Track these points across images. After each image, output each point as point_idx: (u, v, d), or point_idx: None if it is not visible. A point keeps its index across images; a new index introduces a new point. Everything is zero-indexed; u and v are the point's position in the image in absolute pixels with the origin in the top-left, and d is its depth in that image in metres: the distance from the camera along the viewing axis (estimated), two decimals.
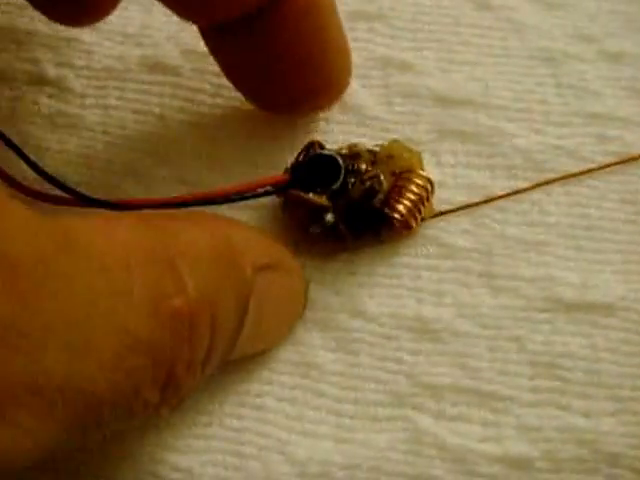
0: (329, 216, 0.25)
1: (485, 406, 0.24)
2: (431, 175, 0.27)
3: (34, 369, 0.17)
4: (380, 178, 0.26)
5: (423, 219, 0.26)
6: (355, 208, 0.25)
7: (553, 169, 0.27)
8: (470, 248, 0.26)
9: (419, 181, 0.26)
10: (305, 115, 0.28)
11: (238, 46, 0.25)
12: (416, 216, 0.26)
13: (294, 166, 0.26)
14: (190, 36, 0.26)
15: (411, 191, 0.26)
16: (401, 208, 0.26)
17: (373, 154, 0.26)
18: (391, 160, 0.26)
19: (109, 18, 0.28)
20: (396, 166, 0.26)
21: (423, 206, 0.26)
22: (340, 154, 0.26)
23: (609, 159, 0.27)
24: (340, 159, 0.25)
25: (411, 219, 0.26)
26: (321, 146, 0.26)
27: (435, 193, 0.27)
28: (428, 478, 0.24)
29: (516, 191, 0.27)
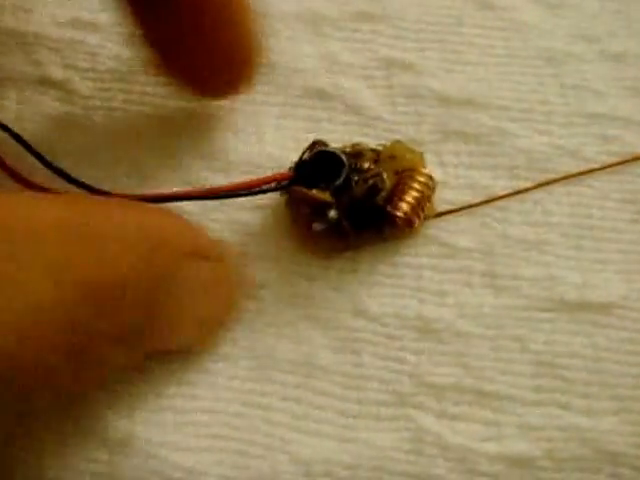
0: (332, 212, 0.25)
1: (487, 405, 0.25)
2: (434, 175, 0.27)
3: None
4: (383, 176, 0.26)
5: (426, 218, 0.26)
6: (358, 206, 0.26)
7: (555, 169, 0.27)
8: (472, 248, 0.26)
9: (421, 179, 0.26)
10: (224, 95, 0.28)
11: (155, 19, 0.25)
12: (419, 214, 0.26)
13: (298, 163, 0.26)
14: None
15: (414, 189, 0.26)
16: (404, 206, 0.26)
17: (376, 153, 0.26)
18: (394, 160, 0.26)
19: (114, 20, 0.29)
20: (399, 166, 0.26)
21: (425, 204, 0.26)
22: (343, 152, 0.26)
23: (611, 159, 0.27)
24: (343, 156, 0.25)
25: (414, 217, 0.26)
26: (325, 145, 0.26)
27: (437, 193, 0.27)
28: (430, 477, 0.24)
29: (518, 191, 0.27)
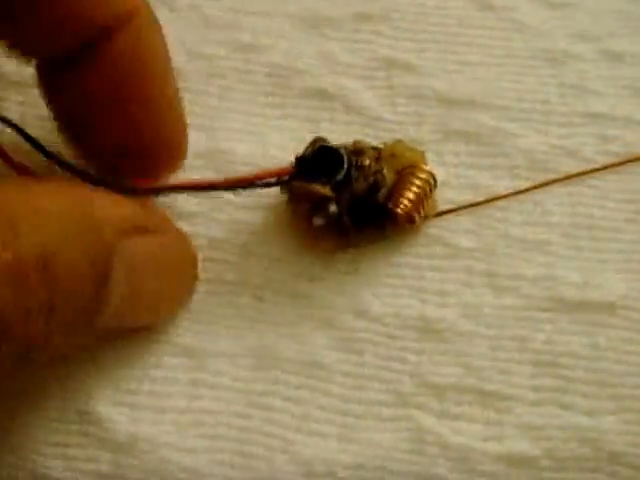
0: (333, 207, 0.25)
1: (488, 405, 0.25)
2: (435, 175, 0.27)
3: None
4: (383, 172, 0.26)
5: (427, 216, 0.26)
6: (359, 202, 0.26)
7: (555, 169, 0.27)
8: (473, 248, 0.26)
9: (422, 175, 0.26)
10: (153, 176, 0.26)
11: (67, 86, 0.24)
12: (419, 210, 0.26)
13: (299, 159, 0.26)
14: (196, 40, 0.27)
15: (415, 185, 0.26)
16: (405, 202, 0.26)
17: (377, 151, 0.26)
18: (394, 158, 0.26)
19: None
20: (400, 164, 0.26)
21: (427, 201, 0.26)
22: (344, 148, 0.26)
23: (610, 159, 0.28)
24: (344, 152, 0.25)
25: (414, 213, 0.26)
26: (325, 142, 0.26)
27: (438, 193, 0.27)
28: (431, 477, 0.24)
29: (518, 191, 0.27)
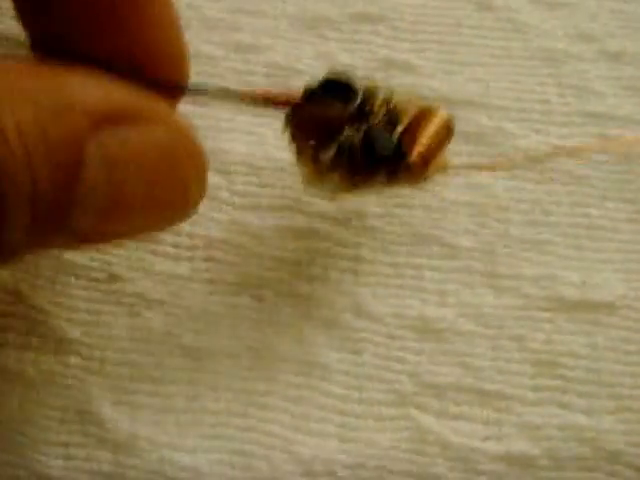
0: (348, 131, 0.23)
1: (487, 405, 0.25)
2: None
3: None
4: (399, 109, 0.24)
5: (440, 169, 0.24)
6: (371, 138, 0.23)
7: (554, 169, 0.27)
8: (472, 248, 0.27)
9: (440, 121, 0.24)
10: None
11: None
12: (431, 161, 0.24)
13: (308, 88, 0.23)
14: (194, 41, 0.27)
15: (430, 131, 0.24)
16: (417, 149, 0.24)
17: (392, 93, 0.24)
18: (409, 104, 0.24)
19: None
20: (420, 107, 0.24)
21: (440, 150, 0.24)
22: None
23: (610, 158, 0.28)
24: (356, 82, 0.23)
25: (425, 165, 0.24)
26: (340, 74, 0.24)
27: (437, 192, 0.27)
28: (431, 476, 0.24)
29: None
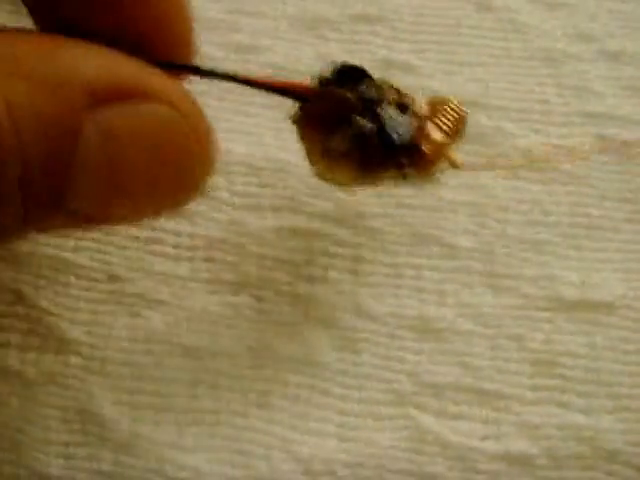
0: (361, 118, 0.23)
1: (486, 404, 0.25)
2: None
3: None
4: (413, 97, 0.24)
5: (452, 166, 0.24)
6: (384, 128, 0.23)
7: (554, 169, 0.28)
8: (472, 248, 0.27)
9: (454, 114, 0.24)
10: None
11: None
12: (443, 153, 0.24)
13: (321, 78, 0.23)
14: (197, 40, 0.27)
15: (444, 123, 0.24)
16: (430, 141, 0.23)
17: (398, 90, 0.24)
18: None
19: None
20: (433, 98, 0.24)
21: (452, 142, 0.24)
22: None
23: (609, 158, 0.28)
24: (368, 72, 0.23)
25: (437, 157, 0.24)
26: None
27: (437, 192, 0.27)
28: (430, 475, 0.24)
29: None
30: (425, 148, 0.23)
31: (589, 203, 0.27)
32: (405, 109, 0.23)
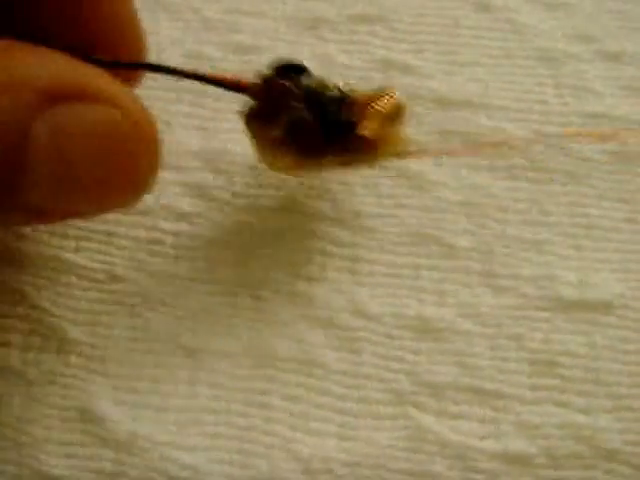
0: (297, 106, 0.24)
1: (485, 404, 0.25)
2: (432, 175, 0.27)
3: None
4: (352, 90, 0.25)
5: (398, 155, 0.26)
6: (324, 115, 0.24)
7: (553, 169, 0.28)
8: (470, 248, 0.27)
9: (390, 101, 0.25)
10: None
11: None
12: (382, 136, 0.25)
13: (263, 74, 0.25)
14: (193, 41, 0.27)
15: (381, 108, 0.25)
16: (368, 125, 0.25)
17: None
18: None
19: None
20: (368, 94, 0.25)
21: (391, 127, 0.25)
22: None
23: (609, 158, 0.28)
24: (309, 68, 0.25)
25: (376, 139, 0.25)
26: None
27: (436, 191, 0.27)
28: (429, 474, 0.24)
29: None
30: (365, 132, 0.24)
31: (588, 203, 0.27)
32: (345, 97, 0.24)
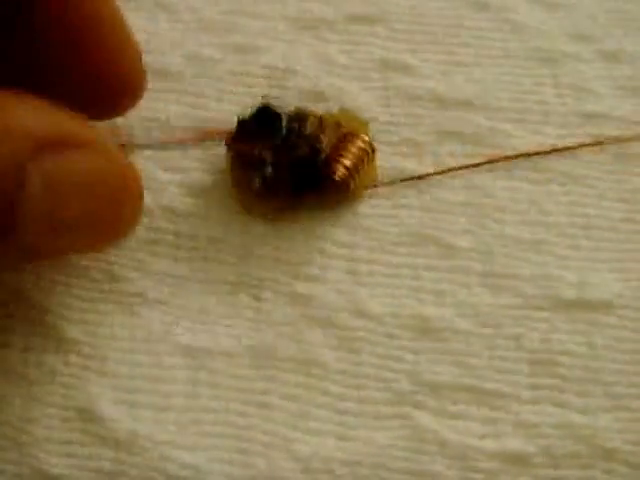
0: (269, 169, 0.26)
1: (484, 403, 0.25)
2: (428, 170, 0.27)
3: None
4: (321, 138, 0.26)
5: (368, 187, 0.27)
6: (297, 166, 0.26)
7: (552, 169, 0.28)
8: (469, 248, 0.27)
9: (360, 144, 0.27)
10: (103, 116, 0.27)
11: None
12: (354, 177, 0.27)
13: (240, 121, 0.26)
14: (193, 43, 0.27)
15: (351, 152, 0.26)
16: (341, 169, 0.26)
17: (319, 119, 0.27)
18: (338, 127, 0.27)
19: None
20: (341, 133, 0.27)
21: (362, 168, 0.27)
22: (285, 113, 0.26)
23: (607, 158, 0.28)
24: (284, 115, 0.26)
25: (349, 179, 0.26)
26: (269, 103, 0.27)
27: (434, 192, 0.27)
28: (428, 474, 0.24)
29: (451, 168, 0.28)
30: (338, 177, 0.26)
31: (587, 203, 0.27)
32: (316, 149, 0.26)
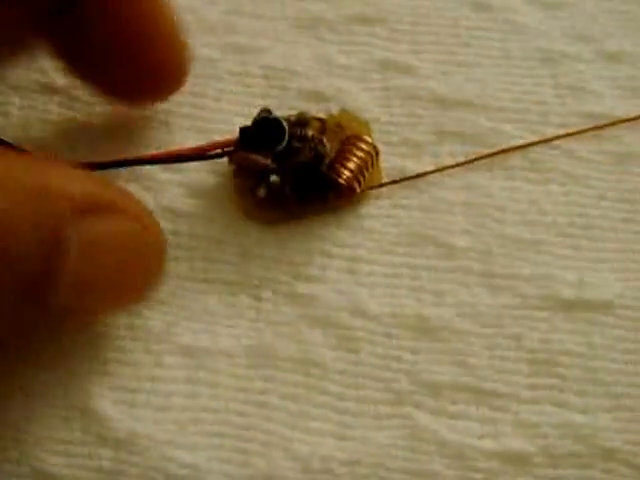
0: (274, 177, 0.26)
1: (483, 403, 0.25)
2: (431, 175, 0.27)
3: None
4: (325, 143, 0.26)
5: (371, 187, 0.27)
6: (301, 173, 0.26)
7: (551, 169, 0.28)
8: (469, 248, 0.27)
9: (364, 147, 0.27)
10: (148, 103, 0.28)
11: (71, 28, 0.25)
12: (360, 180, 0.27)
13: (242, 130, 0.26)
14: (193, 42, 0.27)
15: (356, 156, 0.27)
16: (346, 172, 0.26)
17: (322, 122, 0.27)
18: (340, 129, 0.27)
19: None
20: (344, 135, 0.27)
21: (367, 171, 0.27)
22: (287, 120, 0.26)
23: (607, 158, 0.28)
24: (285, 123, 0.26)
25: (355, 183, 0.26)
26: (270, 113, 0.27)
27: (434, 192, 0.27)
28: (428, 473, 0.24)
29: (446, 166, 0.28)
30: (341, 180, 0.26)
31: (586, 203, 0.27)
32: (319, 154, 0.26)
